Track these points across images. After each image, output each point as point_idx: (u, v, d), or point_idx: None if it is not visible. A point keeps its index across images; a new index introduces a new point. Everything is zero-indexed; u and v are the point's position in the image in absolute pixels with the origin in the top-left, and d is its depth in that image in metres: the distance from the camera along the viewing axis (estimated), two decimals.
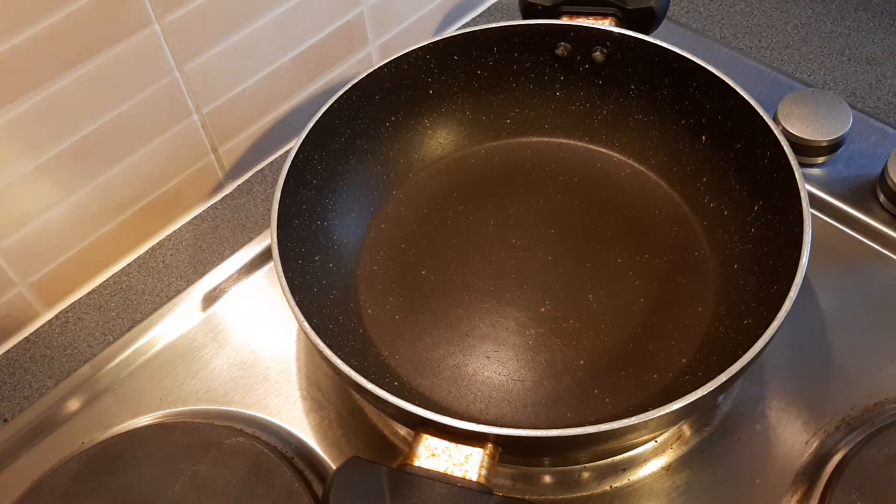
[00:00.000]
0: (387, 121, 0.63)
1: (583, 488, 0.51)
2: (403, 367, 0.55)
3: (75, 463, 0.52)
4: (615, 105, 0.64)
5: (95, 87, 0.55)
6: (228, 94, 0.64)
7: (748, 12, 0.79)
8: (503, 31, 0.62)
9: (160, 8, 0.55)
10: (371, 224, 0.62)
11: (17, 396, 0.58)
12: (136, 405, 0.56)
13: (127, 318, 0.62)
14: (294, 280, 0.50)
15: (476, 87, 0.65)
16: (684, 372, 0.53)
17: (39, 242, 0.59)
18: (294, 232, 0.54)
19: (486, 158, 0.66)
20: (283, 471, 0.50)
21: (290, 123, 0.71)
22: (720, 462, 0.51)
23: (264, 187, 0.69)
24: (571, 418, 0.52)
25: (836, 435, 0.51)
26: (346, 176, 0.61)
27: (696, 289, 0.57)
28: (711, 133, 0.60)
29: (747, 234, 0.56)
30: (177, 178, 0.65)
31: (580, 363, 0.54)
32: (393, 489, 0.40)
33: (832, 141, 0.63)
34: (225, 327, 0.60)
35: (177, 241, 0.66)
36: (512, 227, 0.62)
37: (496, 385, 0.54)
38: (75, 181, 0.59)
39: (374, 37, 0.73)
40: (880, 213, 0.61)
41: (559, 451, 0.48)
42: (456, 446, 0.42)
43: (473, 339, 0.56)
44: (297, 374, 0.57)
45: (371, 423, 0.54)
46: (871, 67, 0.72)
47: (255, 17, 0.62)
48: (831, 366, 0.54)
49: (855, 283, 0.58)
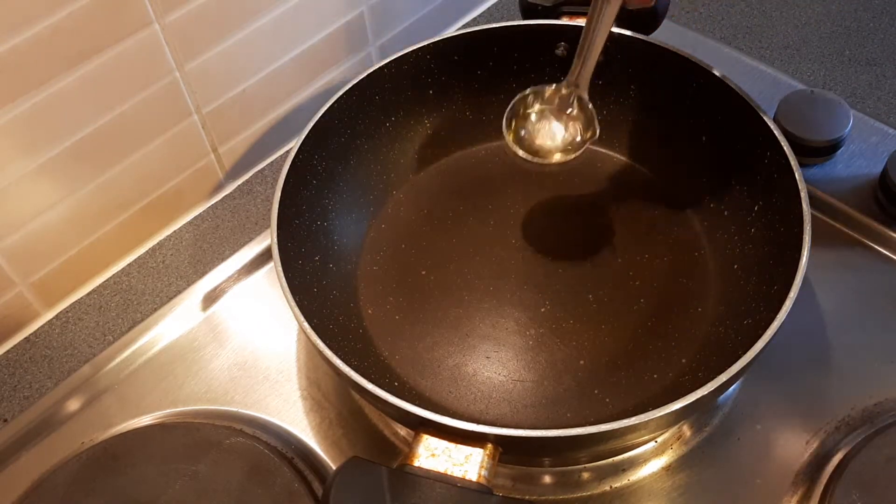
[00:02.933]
0: (387, 121, 0.63)
1: (583, 488, 0.51)
2: (403, 367, 0.55)
3: (75, 463, 0.52)
4: (615, 105, 0.64)
5: (95, 87, 0.55)
6: (228, 94, 0.64)
7: (748, 12, 0.79)
8: (503, 31, 0.62)
9: (160, 8, 0.55)
10: (371, 224, 0.62)
11: (17, 396, 0.58)
12: (136, 405, 0.56)
13: (127, 318, 0.62)
14: (294, 280, 0.50)
15: (476, 87, 0.65)
16: (684, 372, 0.53)
17: (39, 242, 0.59)
18: (294, 232, 0.55)
19: (486, 158, 0.66)
20: (283, 471, 0.50)
21: (290, 123, 0.71)
22: (720, 462, 0.51)
23: (264, 187, 0.69)
24: (571, 418, 0.52)
25: (836, 435, 0.51)
26: (346, 176, 0.61)
27: (696, 289, 0.57)
28: (711, 133, 0.60)
29: (747, 234, 0.56)
30: (177, 178, 0.65)
31: (580, 363, 0.54)
32: (393, 489, 0.40)
33: (832, 141, 0.63)
34: (225, 327, 0.60)
35: (177, 241, 0.66)
36: (512, 227, 0.62)
37: (496, 385, 0.54)
38: (75, 181, 0.59)
39: (374, 37, 0.73)
40: (880, 213, 0.61)
41: (559, 451, 0.48)
42: (456, 446, 0.42)
43: (473, 339, 0.56)
44: (297, 374, 0.57)
45: (371, 423, 0.54)
46: (871, 68, 0.72)
47: (255, 17, 0.62)
48: (831, 366, 0.54)
49: (855, 283, 0.58)
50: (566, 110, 0.57)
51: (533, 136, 0.57)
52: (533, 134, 0.57)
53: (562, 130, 0.57)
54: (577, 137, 0.56)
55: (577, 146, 0.56)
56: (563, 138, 0.57)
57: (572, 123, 0.57)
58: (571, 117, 0.57)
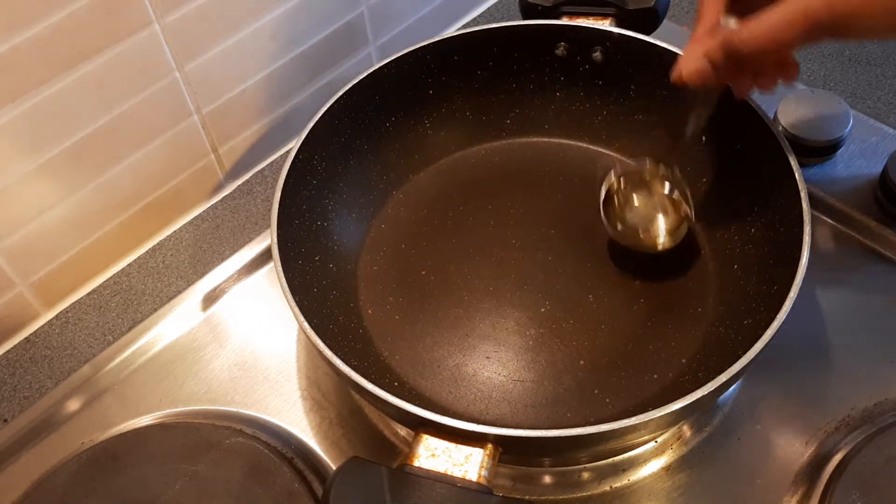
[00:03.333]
0: (387, 121, 0.63)
1: (583, 488, 0.51)
2: (403, 367, 0.55)
3: (75, 463, 0.52)
4: (615, 105, 0.64)
5: (95, 87, 0.55)
6: (228, 94, 0.64)
7: None
8: (503, 31, 0.62)
9: (160, 8, 0.55)
10: (371, 224, 0.62)
11: (17, 396, 0.58)
12: (137, 405, 0.56)
13: (127, 318, 0.62)
14: (294, 280, 0.50)
15: (476, 87, 0.65)
16: (684, 372, 0.53)
17: (39, 242, 0.59)
18: (294, 232, 0.54)
19: (486, 158, 0.66)
20: (283, 471, 0.50)
21: (290, 123, 0.71)
22: (720, 462, 0.51)
23: (264, 187, 0.69)
24: (571, 418, 0.52)
25: (836, 435, 0.51)
26: (346, 176, 0.61)
27: (696, 289, 0.57)
28: (711, 133, 0.60)
29: (747, 234, 0.56)
30: (177, 178, 0.65)
31: (580, 363, 0.54)
32: (393, 489, 0.40)
33: (832, 141, 0.63)
34: (225, 327, 0.60)
35: (177, 242, 0.66)
36: (512, 227, 0.62)
37: (496, 385, 0.54)
38: (75, 181, 0.59)
39: (374, 37, 0.73)
40: (880, 213, 0.61)
41: (559, 451, 0.48)
42: (456, 446, 0.42)
43: (473, 339, 0.56)
44: (297, 374, 0.57)
45: (371, 423, 0.54)
46: (871, 67, 0.72)
47: (255, 17, 0.62)
48: (831, 366, 0.54)
49: (855, 283, 0.58)
50: (661, 190, 0.56)
51: (635, 226, 0.57)
52: (634, 223, 0.57)
53: (660, 215, 0.57)
54: (676, 220, 0.56)
55: (677, 229, 0.56)
56: (663, 223, 0.57)
57: (668, 204, 0.56)
58: (666, 197, 0.56)
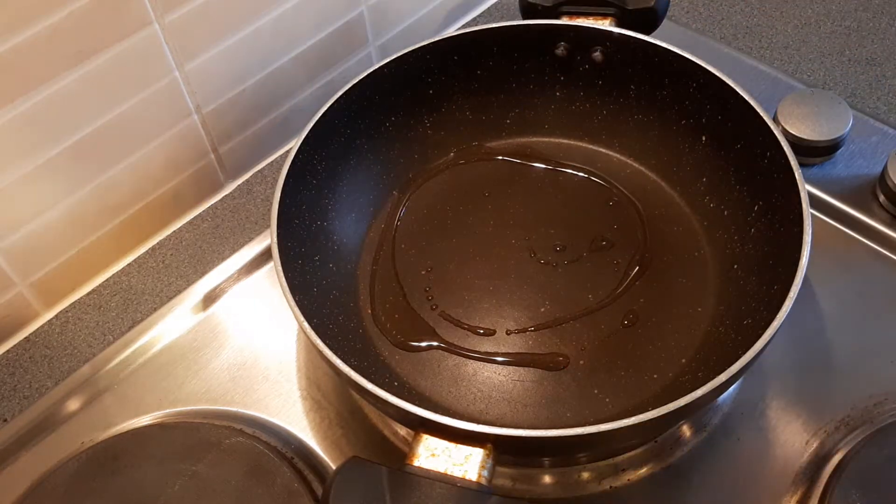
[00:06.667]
0: (387, 121, 0.63)
1: (582, 488, 0.51)
2: (403, 367, 0.55)
3: (75, 463, 0.52)
4: (615, 105, 0.64)
5: (95, 87, 0.55)
6: (228, 94, 0.64)
7: (748, 12, 0.79)
8: (503, 31, 0.62)
9: (160, 8, 0.55)
10: (371, 224, 0.62)
11: (17, 396, 0.58)
12: (136, 405, 0.56)
13: (127, 318, 0.62)
14: (294, 280, 0.50)
15: (476, 87, 0.65)
16: (684, 372, 0.53)
17: (39, 242, 0.59)
18: (294, 232, 0.54)
19: (486, 158, 0.66)
20: (283, 471, 0.50)
21: (290, 123, 0.71)
22: (720, 462, 0.51)
23: (264, 187, 0.69)
24: (571, 418, 0.52)
25: (836, 435, 0.51)
26: (346, 176, 0.61)
27: (696, 289, 0.57)
28: (711, 133, 0.60)
29: (747, 234, 0.56)
30: (177, 178, 0.65)
31: (580, 363, 0.54)
32: (393, 489, 0.40)
33: (832, 141, 0.63)
34: (225, 327, 0.60)
35: (177, 241, 0.66)
36: (512, 227, 0.62)
37: (496, 385, 0.54)
38: (75, 181, 0.59)
39: (374, 37, 0.73)
40: (880, 213, 0.61)
41: (559, 451, 0.48)
42: (456, 446, 0.42)
43: (473, 339, 0.56)
44: (297, 374, 0.57)
45: (371, 423, 0.54)
46: (871, 67, 0.72)
47: (255, 17, 0.62)
48: (831, 366, 0.54)
49: (855, 283, 0.58)
50: None
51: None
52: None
53: None
54: None
55: None
56: None
57: None
58: None
